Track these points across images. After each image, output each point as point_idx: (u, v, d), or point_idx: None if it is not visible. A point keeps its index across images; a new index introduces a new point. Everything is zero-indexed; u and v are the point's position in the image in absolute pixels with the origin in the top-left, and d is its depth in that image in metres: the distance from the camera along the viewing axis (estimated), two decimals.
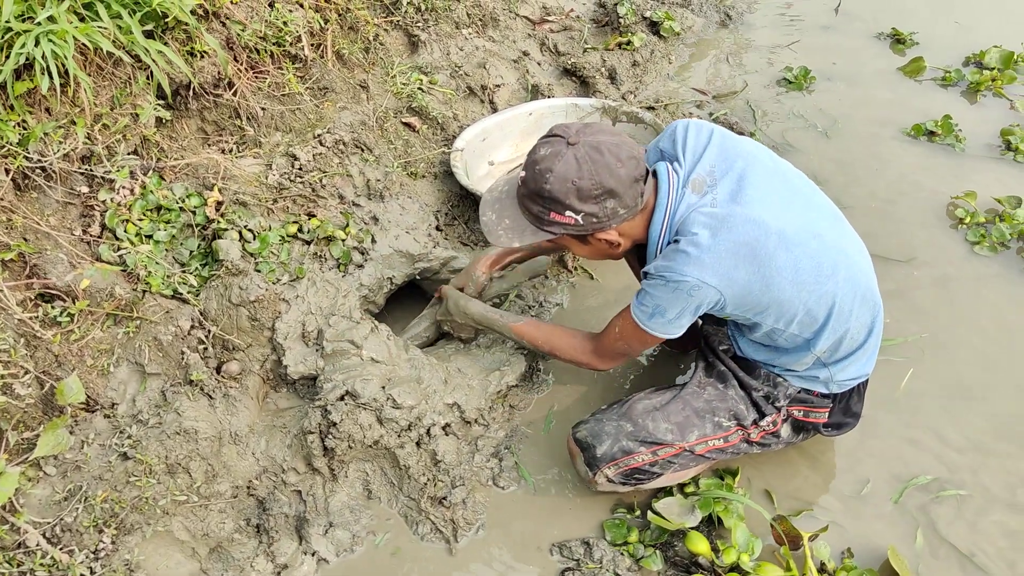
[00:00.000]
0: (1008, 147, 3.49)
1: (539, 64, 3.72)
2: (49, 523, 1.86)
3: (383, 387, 2.21)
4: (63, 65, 2.07)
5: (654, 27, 4.13)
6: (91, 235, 2.22)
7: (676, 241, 1.81)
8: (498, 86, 3.41)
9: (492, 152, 3.16)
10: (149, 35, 2.33)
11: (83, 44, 2.12)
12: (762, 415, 2.06)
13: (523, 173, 1.85)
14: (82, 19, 2.16)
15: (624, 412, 2.06)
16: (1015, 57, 3.98)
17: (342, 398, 2.17)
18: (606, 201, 1.78)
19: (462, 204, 2.96)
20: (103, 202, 2.24)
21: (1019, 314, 2.76)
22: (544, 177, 1.78)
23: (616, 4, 4.08)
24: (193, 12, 2.43)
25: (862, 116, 3.73)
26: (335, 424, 2.12)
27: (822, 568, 2.02)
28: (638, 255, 2.13)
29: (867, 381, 2.12)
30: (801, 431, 2.13)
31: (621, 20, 4.02)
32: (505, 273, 2.53)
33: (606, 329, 2.05)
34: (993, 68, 3.98)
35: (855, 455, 2.31)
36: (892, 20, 4.41)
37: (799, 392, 2.05)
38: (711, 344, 2.17)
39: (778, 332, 1.92)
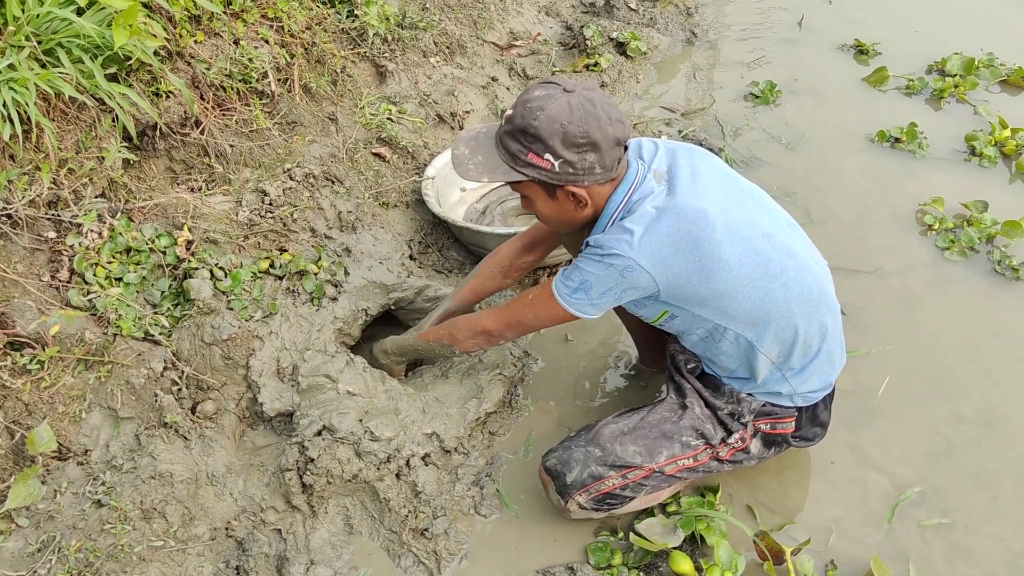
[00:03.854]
0: (973, 152, 3.54)
1: (508, 89, 3.75)
2: (23, 575, 1.83)
3: (360, 420, 2.20)
4: (25, 112, 2.07)
5: (621, 48, 4.17)
6: (60, 280, 2.21)
7: (623, 219, 1.85)
8: (468, 112, 3.43)
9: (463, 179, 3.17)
10: (113, 78, 2.33)
11: (45, 90, 2.12)
12: (729, 432, 2.07)
13: (510, 111, 1.82)
14: (43, 65, 2.16)
15: (592, 438, 2.06)
16: (976, 63, 4.05)
17: (319, 433, 2.16)
18: (587, 154, 1.76)
19: (435, 232, 2.97)
20: (71, 247, 2.23)
21: (992, 317, 2.79)
22: (534, 114, 1.74)
23: (583, 27, 4.12)
24: (156, 53, 2.43)
25: (829, 127, 3.78)
26: (313, 460, 2.10)
27: None
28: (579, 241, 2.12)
29: (833, 392, 2.14)
30: (772, 445, 2.14)
31: (588, 42, 4.06)
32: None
33: (516, 298, 2.08)
34: (955, 75, 4.05)
35: (836, 467, 2.32)
36: (854, 32, 4.48)
37: (763, 405, 2.06)
38: (676, 364, 2.17)
39: (719, 331, 1.94)
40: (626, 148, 1.87)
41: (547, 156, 1.76)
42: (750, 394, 2.06)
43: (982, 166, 3.48)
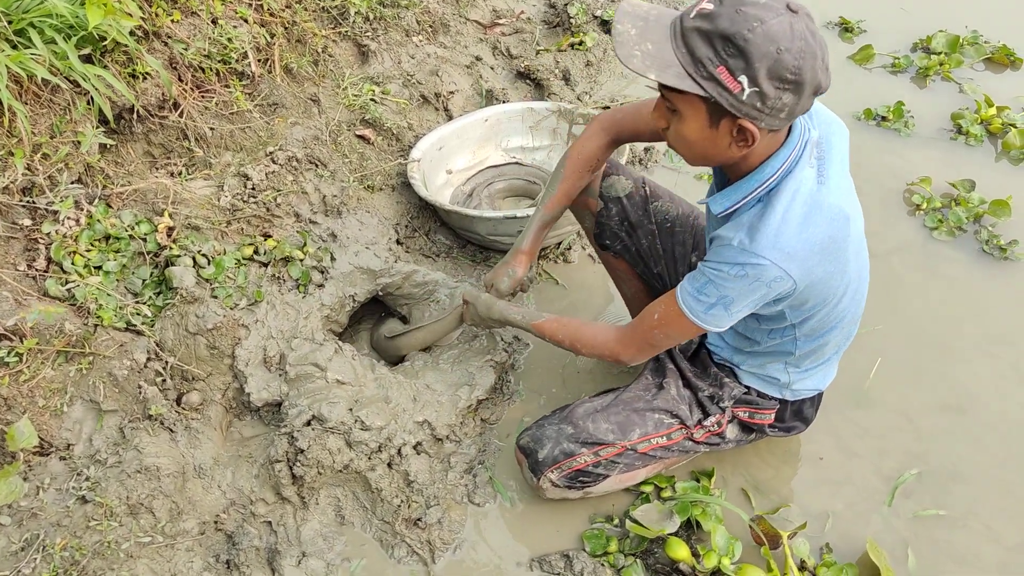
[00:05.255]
0: (959, 130, 3.54)
1: (492, 68, 3.69)
2: (6, 575, 1.78)
3: (350, 409, 2.16)
4: None
5: (605, 26, 4.11)
6: (36, 270, 2.14)
7: (764, 201, 1.62)
8: (452, 93, 3.36)
9: (450, 160, 3.12)
10: (87, 59, 2.26)
11: (16, 72, 2.04)
12: (706, 415, 2.05)
13: (709, 5, 1.45)
14: (14, 46, 2.07)
15: (565, 416, 2.03)
16: (961, 41, 4.04)
17: (309, 423, 2.12)
18: (786, 93, 1.45)
19: (421, 216, 2.92)
20: (47, 235, 2.16)
21: (980, 297, 2.79)
22: (750, 24, 1.39)
23: (566, 4, 4.05)
24: (132, 33, 2.35)
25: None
26: (303, 451, 2.06)
27: (802, 566, 2.02)
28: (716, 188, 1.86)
29: (822, 393, 2.13)
30: (753, 431, 2.13)
31: (572, 20, 3.99)
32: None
33: (641, 317, 1.86)
34: (940, 52, 4.03)
35: (827, 452, 2.31)
36: (839, 9, 4.44)
37: (745, 393, 2.05)
38: None
39: (780, 331, 1.86)
40: None
41: (741, 78, 1.43)
42: (738, 377, 2.05)
43: (968, 145, 3.48)
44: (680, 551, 1.99)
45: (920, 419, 2.39)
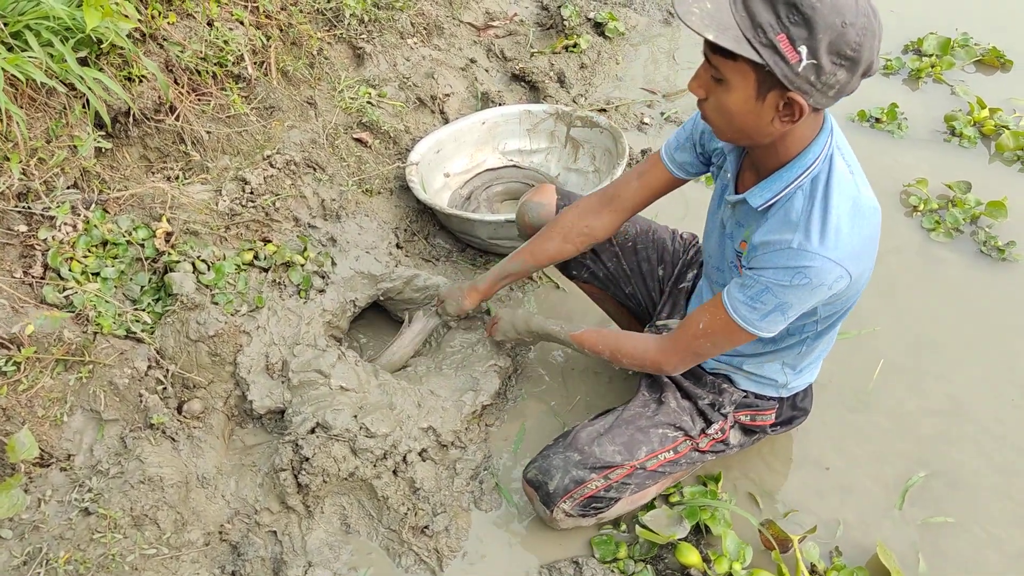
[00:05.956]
0: (953, 132, 3.56)
1: (487, 71, 3.67)
2: None
3: (355, 416, 2.13)
4: None
5: (599, 28, 4.10)
6: (33, 276, 2.09)
7: (805, 192, 1.58)
8: (448, 95, 3.35)
9: (447, 163, 3.10)
10: (83, 62, 2.21)
11: (13, 76, 2.00)
12: (709, 423, 2.04)
13: None
14: (10, 49, 2.03)
15: (569, 443, 1.99)
16: (951, 43, 4.07)
17: (313, 431, 2.09)
18: (841, 70, 1.40)
19: (420, 220, 2.90)
20: (44, 241, 2.12)
21: (979, 298, 2.80)
22: None
23: (559, 6, 4.04)
24: (129, 35, 2.32)
25: None
26: (308, 459, 2.03)
27: (812, 569, 2.01)
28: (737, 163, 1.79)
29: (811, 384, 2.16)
30: (754, 434, 2.13)
31: (566, 22, 3.99)
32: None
33: (684, 326, 1.83)
34: (931, 55, 4.06)
35: (831, 460, 2.31)
36: None
37: (744, 397, 2.04)
38: None
39: (799, 329, 1.84)
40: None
41: (801, 48, 1.37)
42: (735, 383, 2.05)
43: (962, 146, 3.50)
44: (691, 556, 1.98)
45: (920, 423, 2.39)
